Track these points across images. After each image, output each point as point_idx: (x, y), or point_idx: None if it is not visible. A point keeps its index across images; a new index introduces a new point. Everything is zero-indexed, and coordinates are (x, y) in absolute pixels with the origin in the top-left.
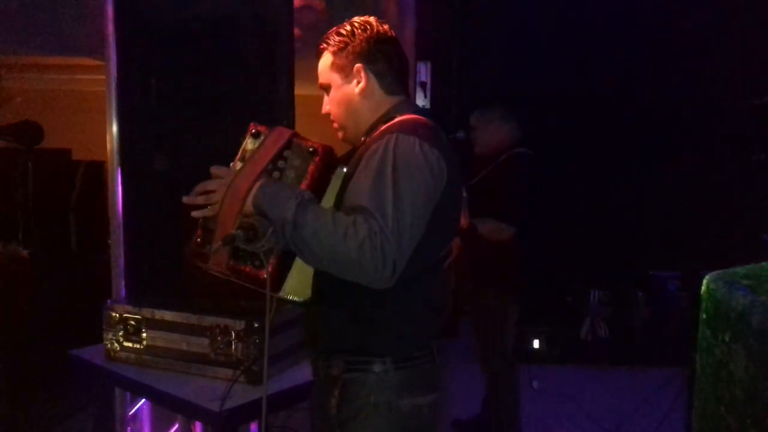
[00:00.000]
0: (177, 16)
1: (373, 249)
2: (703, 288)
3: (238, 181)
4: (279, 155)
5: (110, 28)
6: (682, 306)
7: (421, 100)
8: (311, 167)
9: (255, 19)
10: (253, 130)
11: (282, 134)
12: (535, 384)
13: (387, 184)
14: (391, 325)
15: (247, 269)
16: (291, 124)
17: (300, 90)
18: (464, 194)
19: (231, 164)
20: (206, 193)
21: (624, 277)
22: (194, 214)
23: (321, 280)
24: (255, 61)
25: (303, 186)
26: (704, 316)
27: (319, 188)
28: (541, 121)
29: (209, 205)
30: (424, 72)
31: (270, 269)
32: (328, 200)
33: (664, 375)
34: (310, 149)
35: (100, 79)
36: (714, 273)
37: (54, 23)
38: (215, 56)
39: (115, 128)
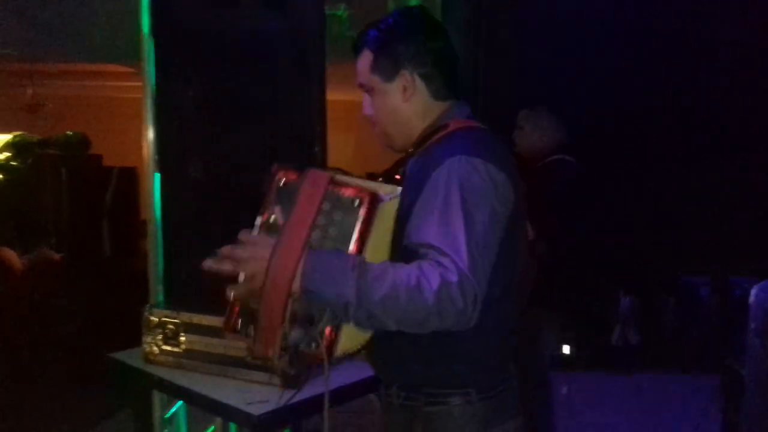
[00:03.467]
0: (211, 25)
1: (450, 293)
2: (752, 297)
3: (280, 255)
4: (318, 211)
5: (146, 35)
6: (713, 312)
7: None
8: (358, 225)
9: (287, 26)
10: (281, 185)
11: (317, 184)
12: (564, 391)
13: (456, 216)
14: (471, 356)
15: (302, 353)
16: (323, 131)
17: (332, 95)
18: None
19: (257, 221)
20: (236, 260)
21: (654, 282)
22: (230, 293)
23: None
24: (288, 68)
25: (353, 246)
26: (753, 325)
27: (366, 239)
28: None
29: (242, 277)
30: None
31: (325, 344)
32: (373, 240)
33: (696, 381)
34: (355, 201)
35: (130, 85)
36: (763, 283)
37: (87, 30)
38: (249, 64)
39: (151, 134)
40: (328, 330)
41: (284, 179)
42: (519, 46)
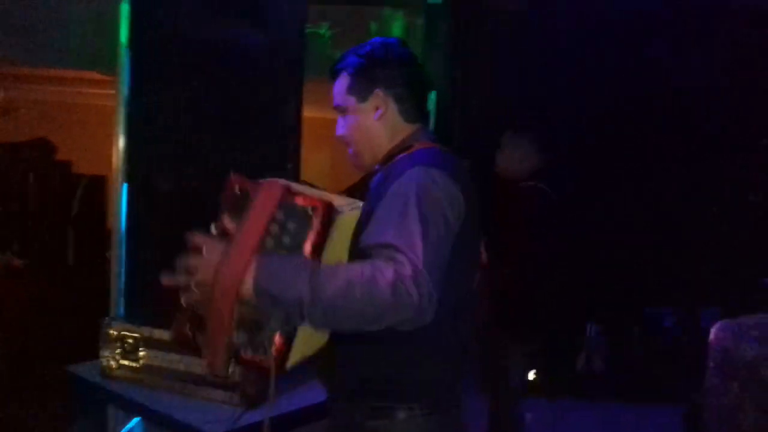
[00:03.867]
0: (189, 36)
1: (406, 286)
2: (712, 336)
3: (230, 259)
4: (271, 219)
5: (123, 44)
6: (677, 342)
7: None
8: (311, 234)
9: (267, 41)
10: (237, 192)
11: (272, 193)
12: (529, 417)
13: (412, 216)
14: (418, 369)
15: (250, 360)
16: (297, 147)
17: (310, 112)
18: None
19: (212, 228)
20: (187, 269)
21: (619, 311)
22: (183, 300)
23: None
24: (265, 83)
25: (307, 252)
26: (712, 363)
27: (321, 248)
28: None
29: (193, 284)
30: (429, 100)
31: (274, 353)
32: (332, 251)
33: (660, 412)
34: (308, 210)
35: (105, 93)
36: (722, 322)
37: (62, 35)
38: (225, 77)
39: (121, 143)
40: (277, 339)
41: (239, 187)
42: (500, 67)
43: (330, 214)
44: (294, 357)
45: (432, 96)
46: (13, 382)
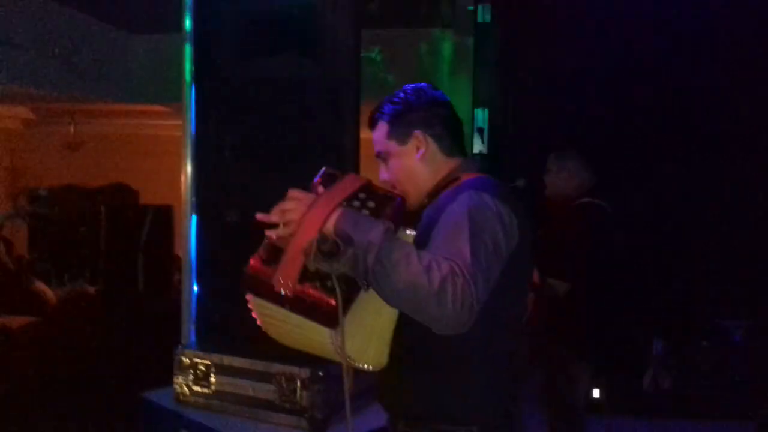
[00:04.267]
0: (249, 69)
1: (455, 287)
2: None
3: (318, 203)
4: (354, 195)
5: (188, 80)
6: (748, 356)
7: (478, 146)
8: (387, 210)
9: (322, 73)
10: (329, 172)
11: (357, 178)
12: None
13: (464, 234)
14: (475, 391)
15: (314, 292)
16: (357, 170)
17: (365, 133)
18: None
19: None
20: (282, 212)
21: (687, 325)
22: (268, 232)
23: (400, 341)
24: (322, 114)
25: None
26: None
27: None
28: (599, 165)
29: (284, 223)
30: (481, 118)
31: (340, 296)
32: None
33: (730, 427)
34: (387, 195)
35: (166, 124)
36: None
37: (128, 71)
38: (284, 110)
39: (189, 177)
40: (344, 288)
41: (330, 171)
42: (549, 83)
43: (404, 206)
44: (350, 346)
45: (485, 114)
46: (87, 407)
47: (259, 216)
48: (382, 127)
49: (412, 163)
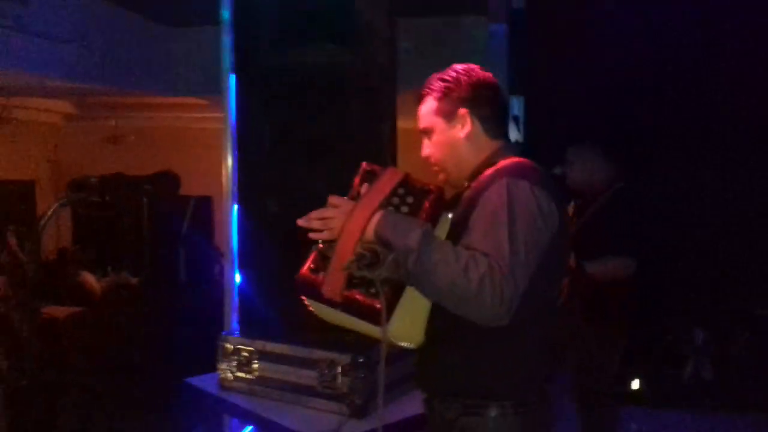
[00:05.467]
0: (286, 61)
1: (493, 284)
2: None
3: (357, 210)
4: (393, 192)
5: (228, 71)
6: None
7: (514, 135)
8: (425, 203)
9: (360, 62)
10: (367, 169)
11: (395, 173)
12: (634, 427)
13: (502, 225)
14: (509, 368)
15: (361, 298)
16: (395, 161)
17: (401, 123)
18: None
19: (347, 197)
20: (323, 219)
21: (729, 315)
22: (312, 235)
23: (436, 321)
24: (360, 103)
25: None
26: None
27: (435, 224)
28: (635, 152)
29: (326, 230)
30: (516, 106)
31: (384, 299)
32: None
33: None
34: (424, 188)
35: (204, 116)
36: None
37: (168, 65)
38: (322, 99)
39: (230, 168)
40: (387, 290)
41: (368, 168)
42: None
43: (441, 197)
44: (394, 328)
45: (521, 102)
46: (131, 394)
47: (300, 222)
48: (430, 103)
49: (456, 141)
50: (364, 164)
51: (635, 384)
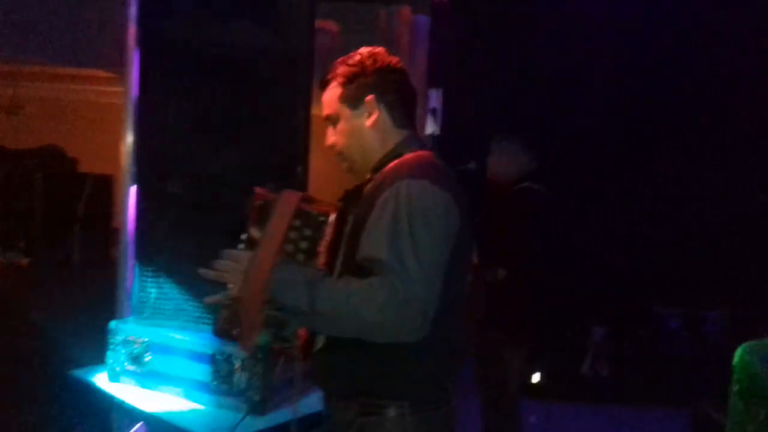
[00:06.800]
0: (197, 37)
1: (397, 308)
2: (737, 359)
3: (254, 268)
4: (291, 226)
5: (131, 43)
6: (683, 345)
7: (431, 127)
8: (325, 231)
9: (276, 43)
10: (260, 203)
11: (289, 201)
12: (532, 419)
13: (404, 233)
14: (407, 368)
15: (281, 351)
16: (307, 148)
17: (315, 110)
18: None
19: (242, 237)
20: (219, 270)
21: (625, 313)
22: (207, 300)
23: None
24: (274, 86)
25: (322, 259)
26: (737, 387)
27: (336, 248)
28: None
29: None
30: (435, 98)
31: (300, 344)
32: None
33: (664, 414)
34: (320, 218)
35: (109, 90)
36: (749, 344)
37: (71, 34)
38: (233, 79)
39: (129, 145)
40: (302, 332)
41: (261, 200)
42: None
43: (342, 216)
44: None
45: (439, 94)
46: (16, 384)
47: (201, 272)
48: (335, 89)
49: (361, 129)
50: (256, 193)
51: (536, 378)
